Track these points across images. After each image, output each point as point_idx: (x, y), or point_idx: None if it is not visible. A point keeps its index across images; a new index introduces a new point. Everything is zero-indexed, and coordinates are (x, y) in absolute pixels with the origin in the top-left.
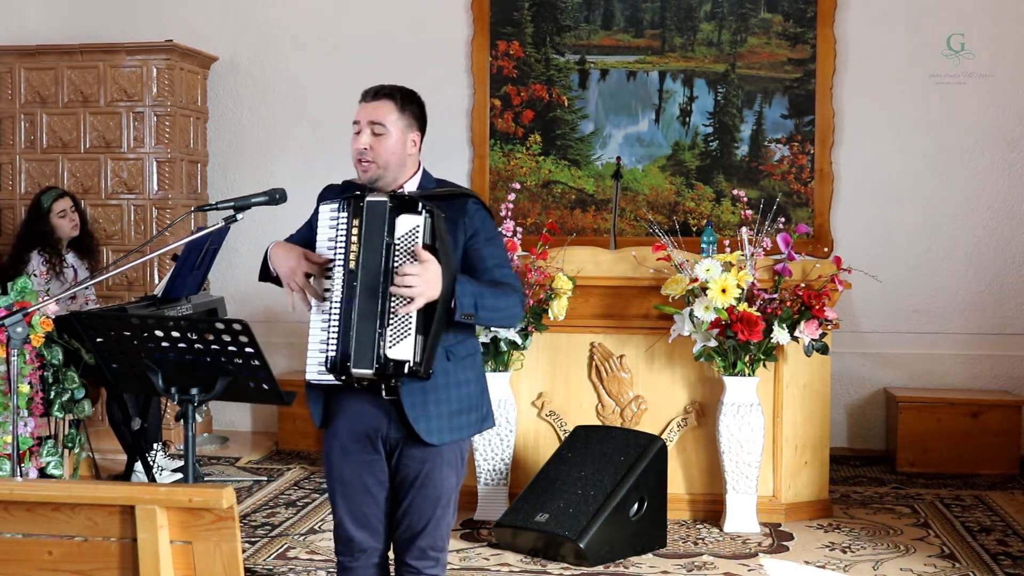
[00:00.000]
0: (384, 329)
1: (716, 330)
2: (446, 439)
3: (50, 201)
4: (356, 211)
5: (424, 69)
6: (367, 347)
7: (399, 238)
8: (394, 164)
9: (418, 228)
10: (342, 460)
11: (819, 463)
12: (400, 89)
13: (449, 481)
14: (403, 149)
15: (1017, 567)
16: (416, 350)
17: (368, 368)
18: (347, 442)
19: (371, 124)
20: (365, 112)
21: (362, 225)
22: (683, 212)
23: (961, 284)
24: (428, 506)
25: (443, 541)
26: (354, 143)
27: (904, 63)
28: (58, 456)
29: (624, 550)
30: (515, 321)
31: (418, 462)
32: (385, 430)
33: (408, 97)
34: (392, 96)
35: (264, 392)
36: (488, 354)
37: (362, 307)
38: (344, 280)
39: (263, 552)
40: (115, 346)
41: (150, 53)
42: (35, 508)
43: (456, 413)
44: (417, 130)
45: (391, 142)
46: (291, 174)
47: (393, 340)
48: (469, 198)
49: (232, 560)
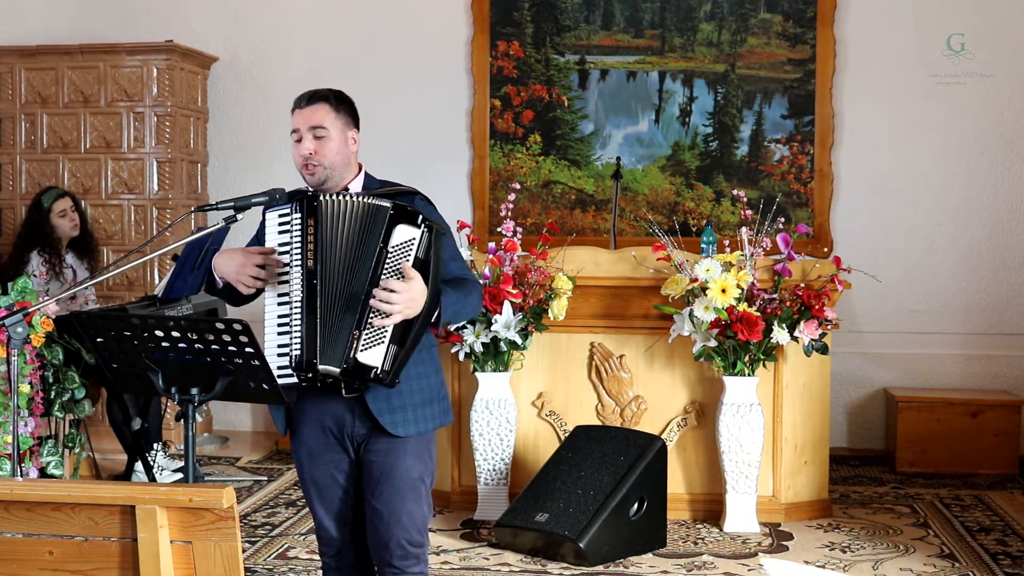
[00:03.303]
0: (360, 331)
1: (716, 330)
2: (412, 431)
3: (50, 201)
4: (311, 211)
5: (424, 69)
6: (338, 346)
7: (393, 247)
8: (339, 164)
9: (413, 241)
10: (311, 463)
11: (819, 463)
12: (331, 91)
13: (416, 471)
14: (346, 148)
15: (1017, 567)
16: (386, 359)
17: (335, 366)
18: (313, 445)
19: (311, 129)
20: (303, 118)
21: (318, 223)
22: (683, 212)
23: (961, 284)
24: (398, 498)
25: (420, 536)
26: (296, 150)
27: (904, 63)
28: (58, 456)
29: (624, 550)
30: (477, 315)
31: (383, 454)
32: (350, 426)
33: (340, 97)
34: (326, 98)
35: (264, 392)
36: (488, 354)
37: (338, 305)
38: (303, 279)
39: (263, 552)
40: (115, 346)
41: (150, 53)
42: (35, 508)
43: (420, 404)
44: (354, 127)
45: (333, 143)
46: (291, 174)
47: (366, 345)
48: (415, 195)
49: (232, 560)
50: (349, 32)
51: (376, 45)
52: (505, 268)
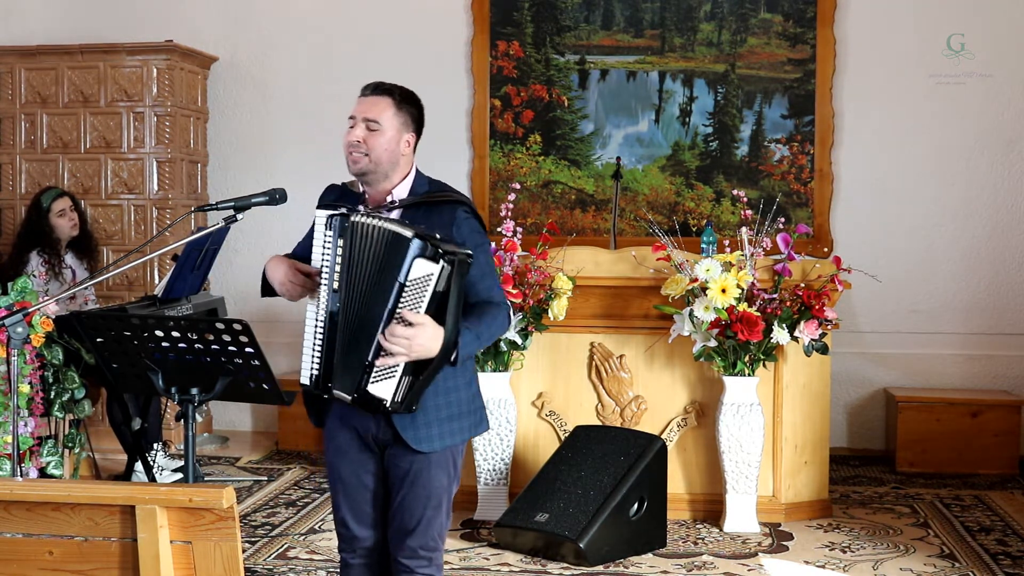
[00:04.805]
0: (371, 363)
1: (716, 330)
2: (436, 447)
3: (50, 200)
4: (342, 231)
5: (424, 69)
6: (349, 375)
7: (411, 281)
8: (386, 161)
9: (431, 276)
10: (339, 459)
11: (819, 463)
12: (400, 88)
13: (439, 482)
14: (396, 148)
15: (1017, 567)
16: (398, 391)
17: (347, 393)
18: (341, 441)
19: (366, 120)
20: (362, 107)
21: (348, 247)
22: (683, 212)
23: (961, 284)
24: (418, 505)
25: (435, 542)
26: (346, 136)
27: (904, 63)
28: (58, 456)
29: (624, 550)
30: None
31: (407, 462)
32: (374, 431)
33: (407, 97)
34: (391, 93)
35: (264, 392)
36: (488, 354)
37: (354, 334)
38: (328, 299)
39: (263, 552)
40: (115, 346)
41: (150, 53)
42: (35, 508)
43: (446, 420)
44: (412, 131)
45: (384, 139)
46: (291, 174)
47: (377, 377)
48: (460, 205)
49: (232, 560)
50: (349, 32)
51: (376, 45)
52: (505, 268)
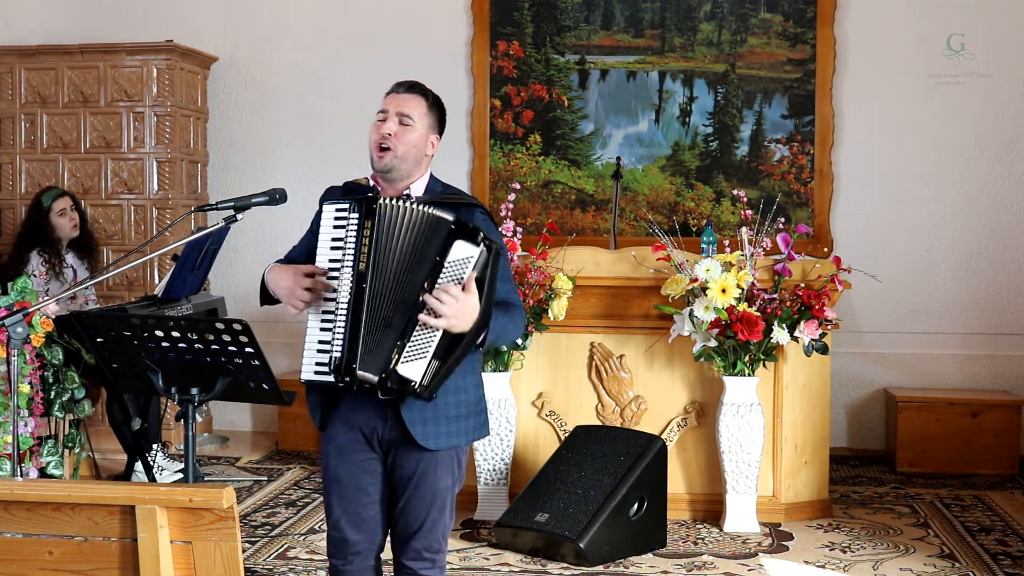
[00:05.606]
0: (403, 342)
1: (716, 330)
2: (443, 445)
3: (50, 200)
4: (369, 212)
5: (424, 69)
6: (379, 355)
7: (449, 262)
8: (411, 158)
9: (471, 258)
10: (338, 461)
11: (819, 463)
12: (432, 92)
13: (444, 483)
14: (423, 146)
15: (1017, 567)
16: (427, 373)
17: (374, 374)
18: (343, 442)
19: (400, 114)
20: (396, 102)
21: (376, 228)
22: (683, 212)
23: (961, 284)
24: (423, 507)
25: (439, 543)
26: (376, 129)
27: (904, 63)
28: (58, 456)
29: (624, 550)
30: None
31: (413, 462)
32: (381, 430)
33: (436, 101)
34: (425, 94)
35: (264, 392)
36: (488, 354)
37: (385, 312)
38: (353, 281)
39: (263, 552)
40: (115, 346)
41: (150, 53)
42: (35, 508)
43: (454, 419)
44: (437, 134)
45: (415, 135)
46: (291, 174)
47: (408, 357)
48: (476, 208)
49: (232, 560)
50: (349, 32)
51: (376, 45)
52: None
